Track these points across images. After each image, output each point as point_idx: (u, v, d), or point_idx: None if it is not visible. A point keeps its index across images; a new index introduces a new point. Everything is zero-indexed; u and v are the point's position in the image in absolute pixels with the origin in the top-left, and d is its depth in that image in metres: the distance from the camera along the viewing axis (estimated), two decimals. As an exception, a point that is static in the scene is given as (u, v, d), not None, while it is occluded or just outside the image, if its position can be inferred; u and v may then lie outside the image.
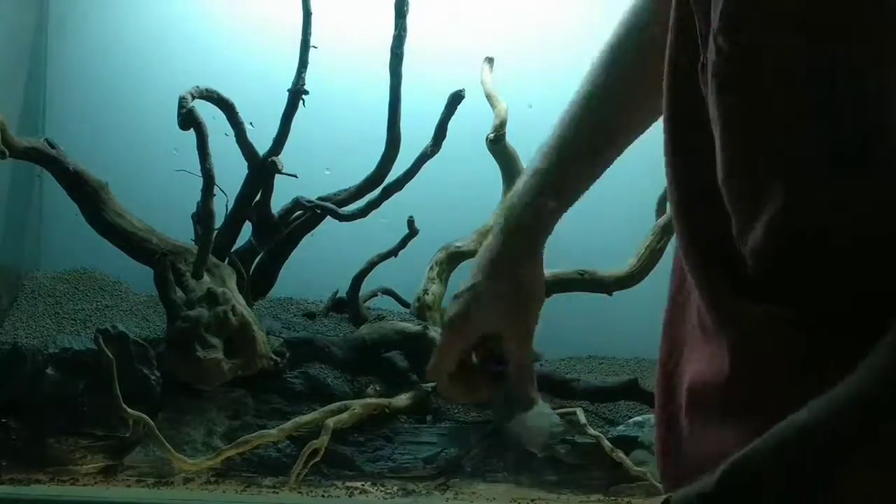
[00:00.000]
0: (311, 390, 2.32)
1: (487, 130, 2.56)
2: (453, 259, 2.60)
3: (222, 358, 2.22)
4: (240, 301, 2.30)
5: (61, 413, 2.18)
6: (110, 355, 2.11)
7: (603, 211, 2.72)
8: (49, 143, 2.34)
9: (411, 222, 2.48)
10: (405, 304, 2.63)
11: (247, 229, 2.46)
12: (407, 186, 2.45)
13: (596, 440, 2.20)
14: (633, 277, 2.53)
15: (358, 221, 2.47)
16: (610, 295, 2.55)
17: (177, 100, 2.21)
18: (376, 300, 2.65)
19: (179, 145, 2.46)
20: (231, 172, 2.36)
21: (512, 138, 2.57)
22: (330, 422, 2.17)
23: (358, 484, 2.18)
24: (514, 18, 2.75)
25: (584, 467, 2.21)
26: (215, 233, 2.30)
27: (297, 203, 2.46)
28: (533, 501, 2.15)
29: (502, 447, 2.23)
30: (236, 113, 2.34)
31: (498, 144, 2.56)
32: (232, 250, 2.42)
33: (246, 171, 2.40)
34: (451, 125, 2.45)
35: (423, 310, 2.53)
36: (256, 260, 2.49)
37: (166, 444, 2.10)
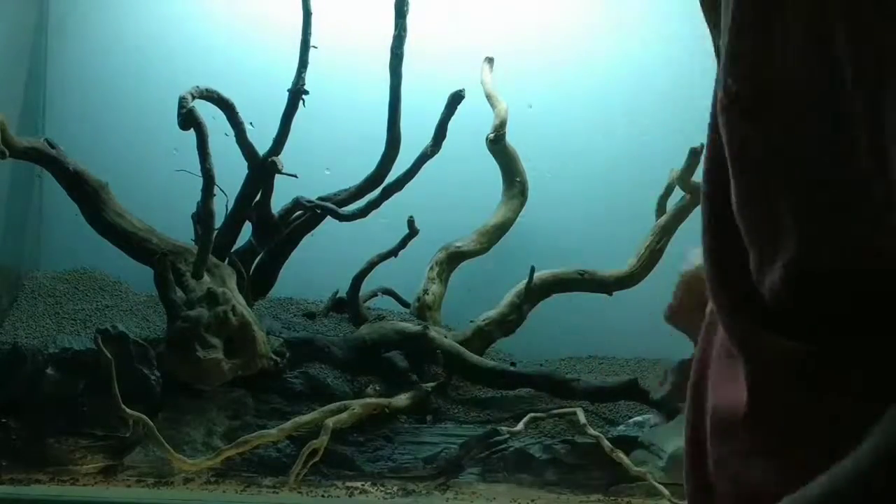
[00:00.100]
0: (311, 390, 2.32)
1: (487, 130, 2.56)
2: (453, 259, 2.60)
3: (222, 358, 2.22)
4: (240, 301, 2.30)
5: (61, 413, 2.18)
6: (109, 355, 2.11)
7: (603, 211, 2.73)
8: (49, 143, 2.34)
9: (411, 222, 2.48)
10: (405, 304, 2.63)
11: (247, 229, 2.46)
12: (407, 186, 2.45)
13: (596, 440, 2.20)
14: (633, 277, 2.53)
15: (358, 221, 2.47)
16: (610, 295, 2.56)
17: (177, 100, 2.21)
18: (376, 300, 2.65)
19: (179, 145, 2.46)
20: (231, 172, 2.36)
21: (512, 138, 2.58)
22: (330, 422, 2.17)
23: (358, 484, 2.18)
24: (514, 18, 2.75)
25: (584, 467, 2.21)
26: (215, 233, 2.30)
27: (297, 203, 2.46)
28: (533, 501, 2.15)
29: (502, 447, 2.23)
30: (236, 113, 2.34)
31: (498, 144, 2.57)
32: (232, 250, 2.43)
33: (246, 171, 2.40)
34: (451, 125, 2.45)
35: (423, 310, 2.53)
36: (256, 260, 2.49)
37: (166, 445, 2.10)
